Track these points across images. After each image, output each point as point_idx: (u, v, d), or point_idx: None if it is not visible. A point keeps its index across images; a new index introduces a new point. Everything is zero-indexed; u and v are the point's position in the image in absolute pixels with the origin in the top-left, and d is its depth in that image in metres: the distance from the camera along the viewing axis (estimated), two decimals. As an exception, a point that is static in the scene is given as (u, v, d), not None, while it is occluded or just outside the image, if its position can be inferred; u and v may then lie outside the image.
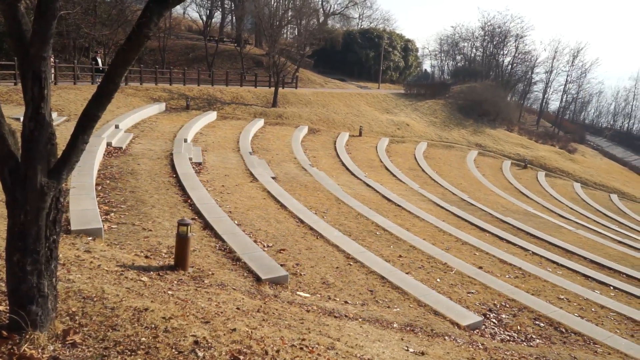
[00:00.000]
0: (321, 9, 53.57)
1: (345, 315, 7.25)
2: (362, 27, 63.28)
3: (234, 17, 51.44)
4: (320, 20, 51.93)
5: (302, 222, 12.63)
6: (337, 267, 9.83)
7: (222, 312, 5.46)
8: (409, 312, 8.11)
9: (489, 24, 62.13)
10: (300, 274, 9.16)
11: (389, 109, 42.51)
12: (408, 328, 7.28)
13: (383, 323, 7.25)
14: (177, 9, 54.06)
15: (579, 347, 8.14)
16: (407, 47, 57.78)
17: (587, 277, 13.20)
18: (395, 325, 7.26)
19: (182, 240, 7.71)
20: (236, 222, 11.47)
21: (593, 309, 10.40)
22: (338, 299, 8.28)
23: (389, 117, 39.74)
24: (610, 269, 14.75)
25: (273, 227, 11.80)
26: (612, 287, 12.59)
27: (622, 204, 33.70)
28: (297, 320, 6.19)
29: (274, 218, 12.57)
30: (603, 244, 18.62)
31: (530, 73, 62.37)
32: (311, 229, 12.17)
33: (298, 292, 8.18)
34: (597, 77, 65.56)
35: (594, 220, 25.32)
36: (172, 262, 7.92)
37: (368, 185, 20.60)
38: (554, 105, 67.34)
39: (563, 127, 60.27)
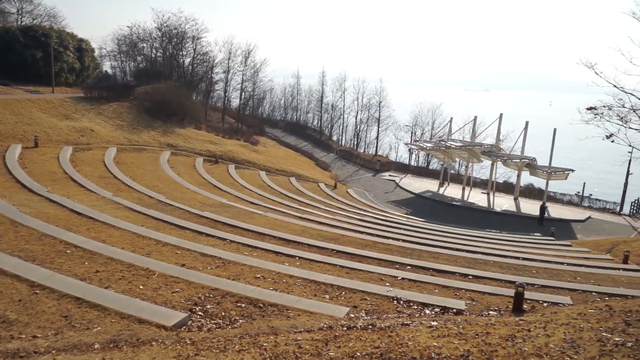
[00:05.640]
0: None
1: (35, 352, 6.40)
2: (23, 24, 55.66)
3: None
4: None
5: (-34, 257, 10.50)
6: (19, 300, 8.55)
7: None
8: (111, 328, 7.67)
9: (165, 25, 62.70)
10: (-30, 319, 7.63)
11: (68, 114, 38.74)
12: (111, 345, 6.89)
13: (82, 347, 6.68)
14: None
15: (275, 317, 9.13)
16: (82, 47, 53.53)
17: (277, 253, 14.82)
18: (96, 346, 6.77)
19: None
20: None
21: (284, 280, 11.78)
22: (24, 336, 7.22)
23: (69, 124, 36.25)
24: (295, 242, 16.90)
25: None
26: (297, 258, 14.45)
27: (299, 184, 39.06)
28: (-33, 375, 5.16)
29: None
30: (288, 222, 21.20)
31: (210, 73, 65.75)
32: (-20, 262, 10.23)
33: (-32, 342, 6.80)
34: (267, 75, 73.33)
35: (280, 202, 28.58)
36: None
37: (52, 201, 18.47)
38: (235, 102, 72.81)
39: (245, 122, 65.79)
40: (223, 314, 9.10)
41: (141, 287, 10.12)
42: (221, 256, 13.32)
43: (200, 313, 9.04)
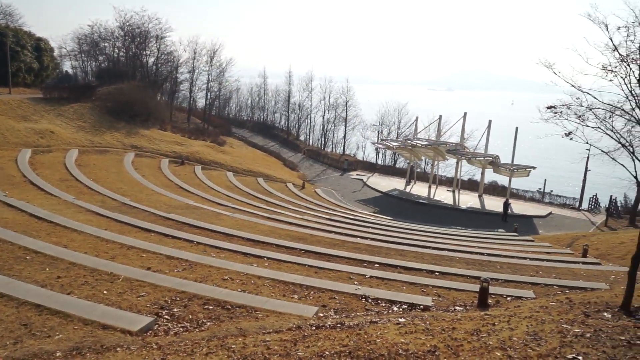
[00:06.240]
0: None
1: (-7, 362, 6.17)
2: (-24, 22, 53.70)
3: None
4: None
5: None
6: (-24, 309, 8.23)
7: None
8: (74, 335, 7.46)
9: (127, 24, 61.44)
10: None
11: (26, 116, 37.53)
12: (74, 352, 6.70)
13: (43, 356, 6.47)
14: None
15: (244, 318, 9.06)
16: (40, 47, 52.00)
17: (245, 254, 14.71)
18: (58, 354, 6.58)
19: None
20: None
21: (252, 281, 11.70)
22: (-19, 346, 6.96)
23: (28, 126, 35.10)
24: (263, 242, 16.81)
25: None
26: (265, 258, 14.38)
27: (267, 184, 38.88)
28: None
29: None
30: (256, 223, 21.06)
31: (175, 73, 64.74)
32: None
33: None
34: (233, 75, 72.73)
35: (247, 203, 28.38)
36: None
37: (10, 205, 17.86)
38: (201, 102, 71.83)
39: (211, 122, 65.06)
40: (190, 317, 8.98)
41: (105, 292, 9.88)
42: (188, 258, 13.13)
43: (166, 317, 8.89)
